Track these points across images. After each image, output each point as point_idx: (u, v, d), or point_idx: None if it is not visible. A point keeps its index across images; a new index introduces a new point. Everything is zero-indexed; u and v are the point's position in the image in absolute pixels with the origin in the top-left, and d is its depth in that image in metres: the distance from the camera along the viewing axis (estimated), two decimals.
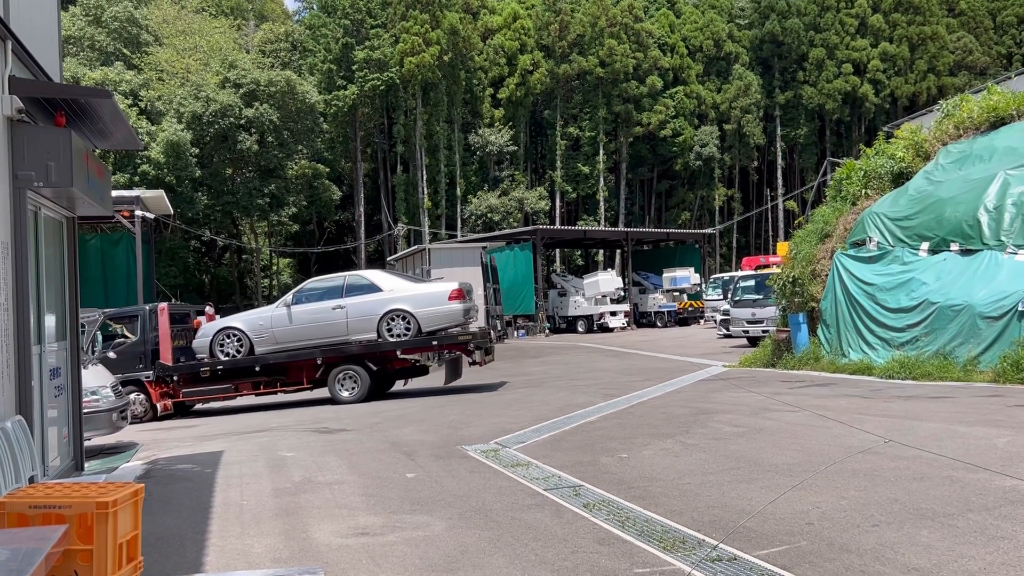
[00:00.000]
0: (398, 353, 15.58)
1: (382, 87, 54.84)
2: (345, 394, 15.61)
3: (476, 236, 43.81)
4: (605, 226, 57.38)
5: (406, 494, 7.34)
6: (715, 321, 32.32)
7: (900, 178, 17.30)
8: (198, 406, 17.17)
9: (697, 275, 41.38)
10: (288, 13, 75.59)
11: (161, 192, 20.16)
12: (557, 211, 61.69)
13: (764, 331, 22.79)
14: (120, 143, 7.44)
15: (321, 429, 12.14)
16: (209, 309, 19.06)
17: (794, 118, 66.08)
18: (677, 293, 40.67)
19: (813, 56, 63.95)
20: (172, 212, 23.06)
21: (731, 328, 25.11)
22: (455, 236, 53.46)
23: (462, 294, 15.32)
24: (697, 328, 37.59)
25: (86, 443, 9.16)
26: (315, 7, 63.18)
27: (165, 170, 39.80)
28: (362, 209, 58.28)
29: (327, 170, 55.73)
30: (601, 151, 61.38)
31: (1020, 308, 12.45)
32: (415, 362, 16.84)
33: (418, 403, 14.99)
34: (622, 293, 38.91)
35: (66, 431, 7.66)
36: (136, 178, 38.91)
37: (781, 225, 66.25)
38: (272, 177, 46.48)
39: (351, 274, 16.80)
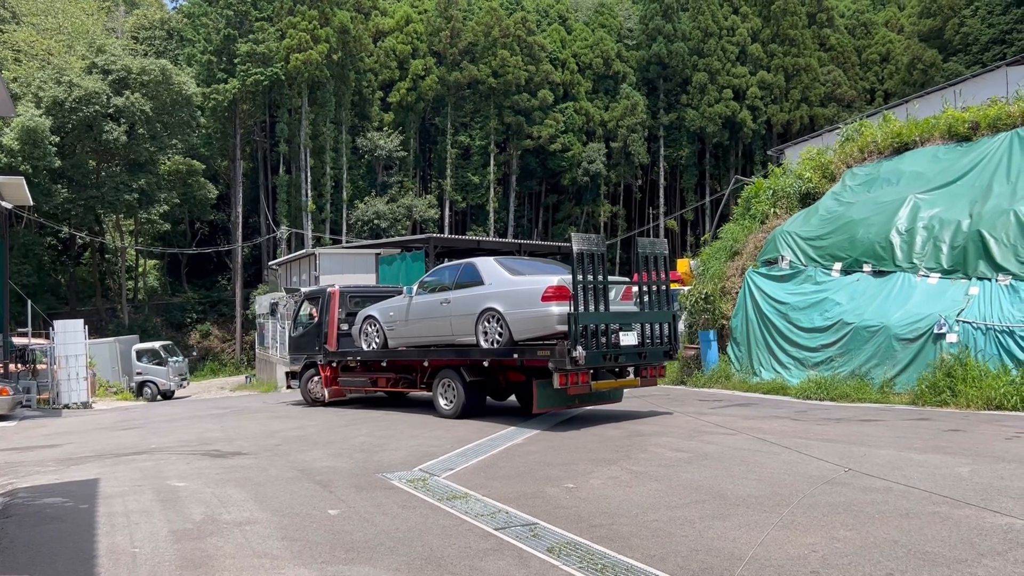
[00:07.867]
0: (484, 363, 12.67)
1: (265, 83, 52.42)
2: (444, 405, 13.20)
3: (368, 242, 42.26)
4: (494, 237, 56.86)
5: (335, 537, 6.26)
6: None
7: (808, 198, 17.49)
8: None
9: None
10: (161, 2, 71.47)
11: (21, 179, 17.89)
12: (446, 220, 60.78)
13: None
14: None
15: (213, 452, 10.73)
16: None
17: (677, 139, 67.93)
18: None
19: (696, 80, 65.98)
20: (31, 203, 20.62)
21: None
22: (340, 241, 51.54)
23: (563, 294, 11.29)
24: None
25: None
26: None
27: (19, 158, 36.33)
28: (240, 210, 55.37)
29: (203, 167, 52.85)
30: (492, 161, 61.03)
31: (936, 331, 12.57)
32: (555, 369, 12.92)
33: (319, 419, 13.72)
34: None
35: None
36: None
37: None
38: (142, 172, 43.34)
39: (467, 261, 13.40)
